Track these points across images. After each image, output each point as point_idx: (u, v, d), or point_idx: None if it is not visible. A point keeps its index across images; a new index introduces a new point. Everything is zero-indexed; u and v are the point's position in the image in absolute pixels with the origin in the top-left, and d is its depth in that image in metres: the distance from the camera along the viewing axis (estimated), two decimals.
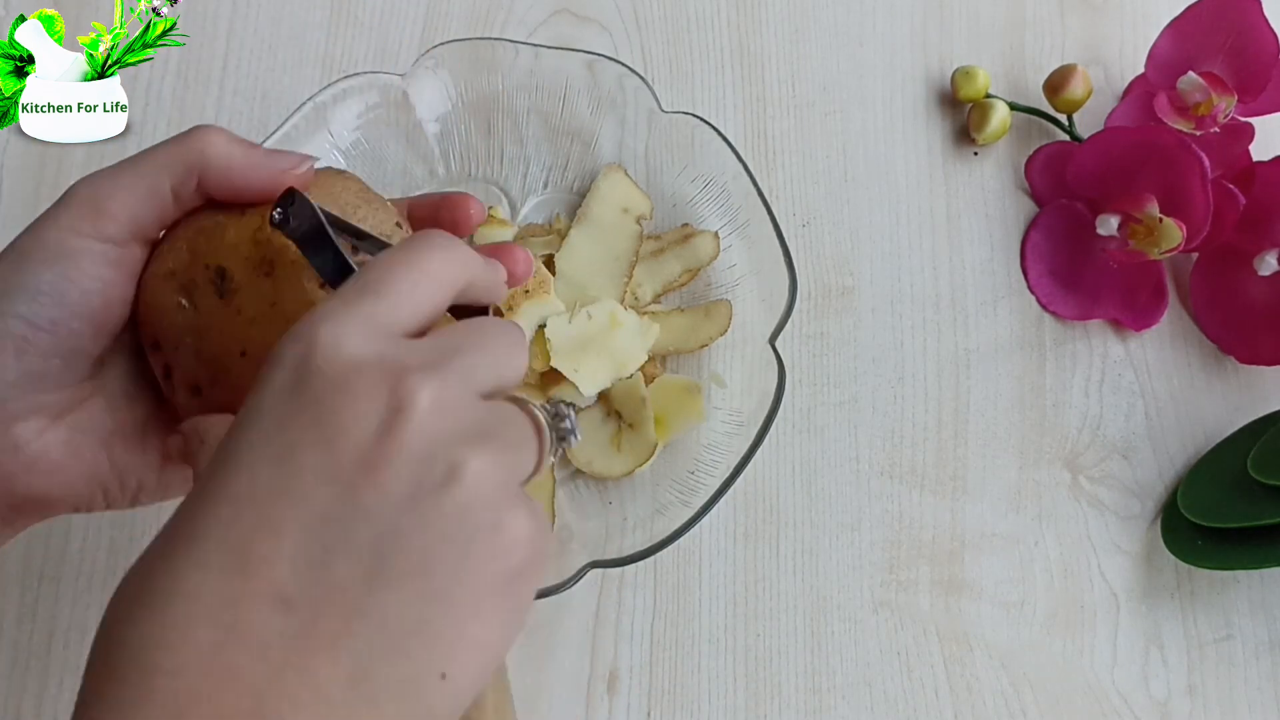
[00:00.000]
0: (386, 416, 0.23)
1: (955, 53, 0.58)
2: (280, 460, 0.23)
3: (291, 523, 0.23)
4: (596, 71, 0.51)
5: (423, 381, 0.24)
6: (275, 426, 0.23)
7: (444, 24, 0.57)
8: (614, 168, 0.52)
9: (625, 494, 0.48)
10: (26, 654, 0.46)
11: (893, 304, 0.54)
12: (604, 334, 0.48)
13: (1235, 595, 0.50)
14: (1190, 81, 0.52)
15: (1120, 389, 0.53)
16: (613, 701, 0.47)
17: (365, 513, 0.23)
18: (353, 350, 0.24)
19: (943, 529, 0.50)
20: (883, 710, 0.47)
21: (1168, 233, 0.50)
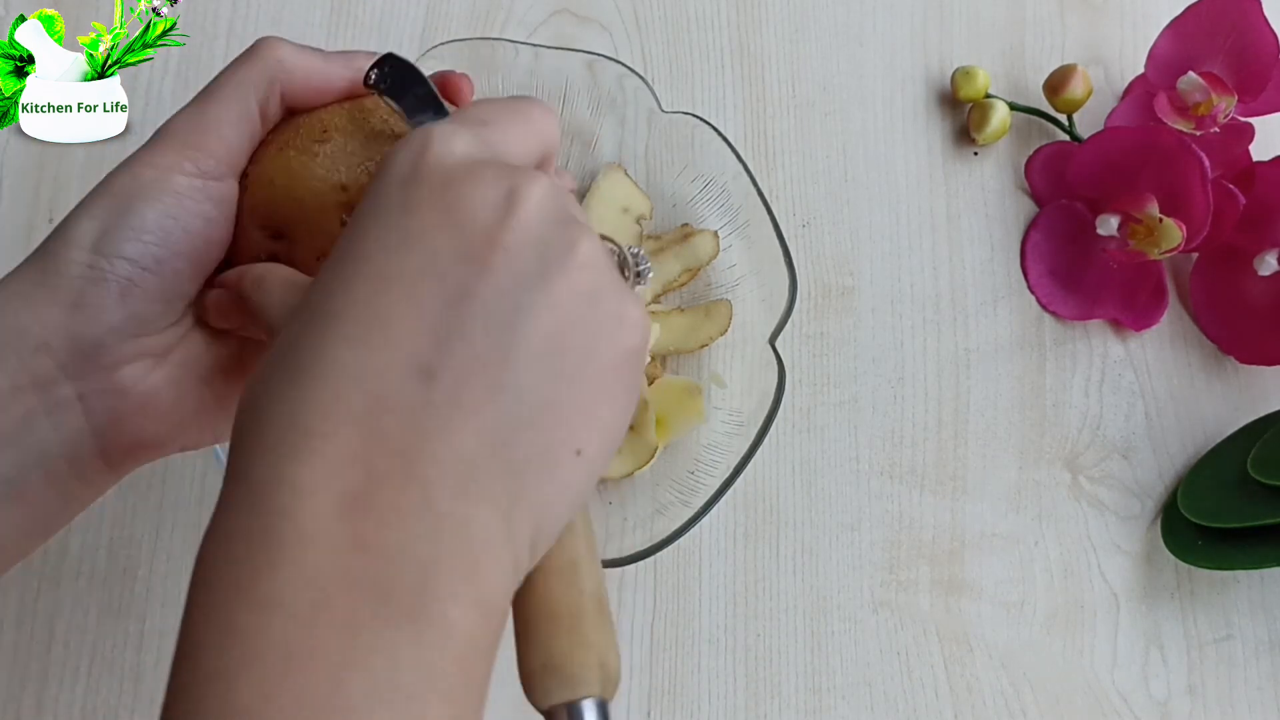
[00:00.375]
0: (506, 201, 0.25)
1: (955, 53, 0.58)
2: (412, 242, 0.24)
3: (430, 298, 0.24)
4: (596, 71, 0.51)
5: (535, 177, 0.25)
6: (401, 212, 0.25)
7: (444, 24, 0.57)
8: (614, 167, 0.52)
9: (625, 494, 0.48)
10: (26, 654, 0.46)
11: (893, 304, 0.54)
12: None
13: (1235, 595, 0.50)
14: (1190, 81, 0.52)
15: (1120, 389, 0.53)
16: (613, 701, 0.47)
17: (500, 290, 0.24)
18: (466, 149, 0.25)
19: (943, 529, 0.50)
20: (883, 710, 0.47)
21: (1168, 233, 0.50)
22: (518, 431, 0.24)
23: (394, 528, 0.22)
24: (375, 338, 0.23)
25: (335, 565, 0.21)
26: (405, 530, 0.22)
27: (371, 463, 0.22)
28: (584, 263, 0.25)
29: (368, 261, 0.24)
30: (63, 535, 0.47)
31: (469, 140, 0.26)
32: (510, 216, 0.24)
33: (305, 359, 0.23)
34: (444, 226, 0.24)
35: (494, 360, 0.24)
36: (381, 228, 0.25)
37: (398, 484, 0.22)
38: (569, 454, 0.25)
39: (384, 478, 0.22)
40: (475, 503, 0.23)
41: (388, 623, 0.21)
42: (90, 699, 0.45)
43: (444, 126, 0.26)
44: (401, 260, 0.24)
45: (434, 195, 0.25)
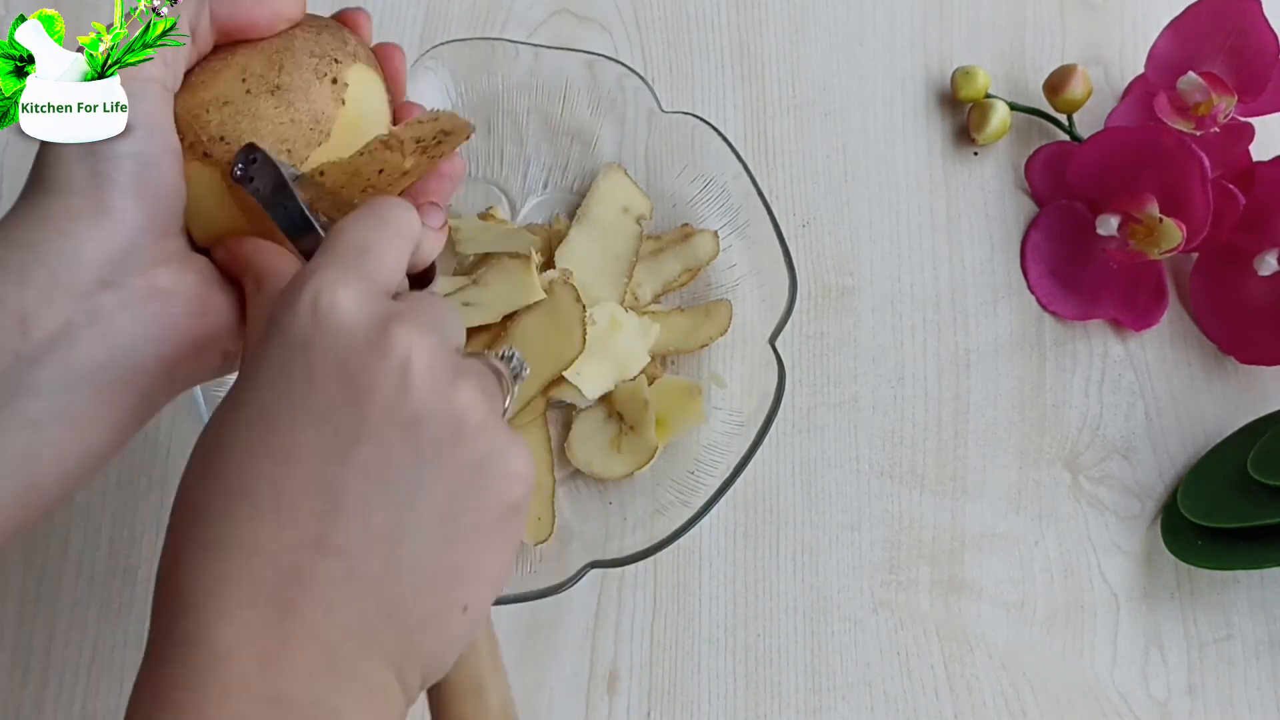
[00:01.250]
0: (400, 374, 0.26)
1: (955, 53, 0.58)
2: (317, 420, 0.26)
3: (333, 478, 0.25)
4: (596, 71, 0.51)
5: (419, 338, 0.27)
6: (305, 385, 0.26)
7: (444, 24, 0.57)
8: (614, 167, 0.52)
9: (625, 494, 0.48)
10: (26, 654, 0.46)
11: (893, 304, 0.54)
12: (605, 337, 0.48)
13: (1235, 595, 0.50)
14: (1190, 81, 0.52)
15: (1120, 389, 0.53)
16: (613, 701, 0.47)
17: (397, 467, 0.26)
18: (354, 312, 0.27)
19: (943, 529, 0.50)
20: (883, 710, 0.47)
21: (1168, 233, 0.50)
22: (409, 598, 0.26)
23: (304, 681, 0.25)
24: (284, 517, 0.25)
25: (255, 715, 0.24)
26: (314, 683, 0.25)
27: (283, 627, 0.25)
28: (471, 426, 0.27)
29: (273, 433, 0.26)
30: (63, 535, 0.47)
31: (352, 293, 0.27)
32: (404, 390, 0.26)
33: (221, 533, 0.25)
34: (346, 403, 0.26)
35: (390, 535, 0.26)
36: (284, 398, 0.26)
37: (306, 644, 0.25)
38: (456, 611, 0.27)
39: (293, 640, 0.25)
40: (373, 660, 0.26)
41: None
42: (90, 699, 0.45)
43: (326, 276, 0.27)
44: (304, 436, 0.26)
45: (333, 368, 0.26)
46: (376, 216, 0.30)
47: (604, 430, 0.49)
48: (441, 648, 0.27)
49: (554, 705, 0.46)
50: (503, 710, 0.30)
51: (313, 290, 0.27)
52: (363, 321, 0.27)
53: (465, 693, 0.29)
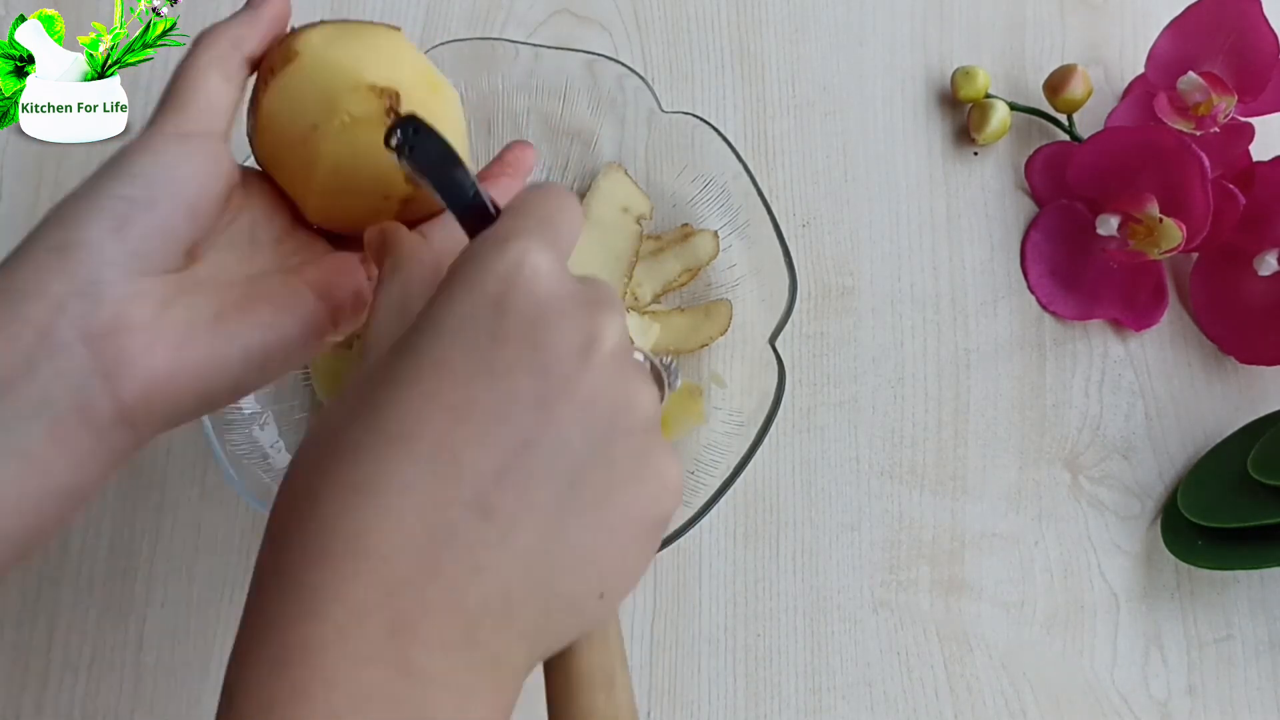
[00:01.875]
0: (585, 349, 0.26)
1: (955, 53, 0.58)
2: (496, 378, 0.25)
3: (503, 439, 0.24)
4: (596, 71, 0.51)
5: (610, 319, 0.26)
6: (490, 341, 0.25)
7: (444, 24, 0.57)
8: (614, 167, 0.52)
9: None
10: (26, 654, 0.46)
11: (893, 304, 0.54)
12: None
13: (1235, 595, 0.50)
14: (1190, 81, 0.52)
15: (1120, 389, 0.53)
16: None
17: (566, 444, 0.25)
18: (553, 282, 0.26)
19: (943, 529, 0.50)
20: (883, 710, 0.47)
21: (1168, 233, 0.50)
22: (557, 576, 0.25)
23: (438, 656, 0.23)
24: (444, 470, 0.24)
25: (385, 686, 0.23)
26: (448, 658, 0.23)
27: (423, 590, 0.23)
28: (643, 424, 0.27)
29: (450, 387, 0.25)
30: (63, 535, 0.47)
31: (549, 260, 0.26)
32: (587, 368, 0.25)
33: (372, 475, 0.24)
34: (528, 367, 0.25)
35: (548, 509, 0.25)
36: (467, 351, 0.25)
37: (447, 615, 0.23)
38: (594, 597, 0.26)
39: (434, 607, 0.23)
40: (510, 636, 0.25)
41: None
42: (90, 699, 0.45)
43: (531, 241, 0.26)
44: (482, 395, 0.25)
45: (524, 330, 0.25)
46: (555, 192, 0.29)
47: None
48: (572, 631, 0.27)
49: None
50: (630, 704, 0.29)
51: (517, 251, 0.26)
52: (557, 293, 0.26)
53: (598, 684, 0.28)
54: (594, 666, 0.28)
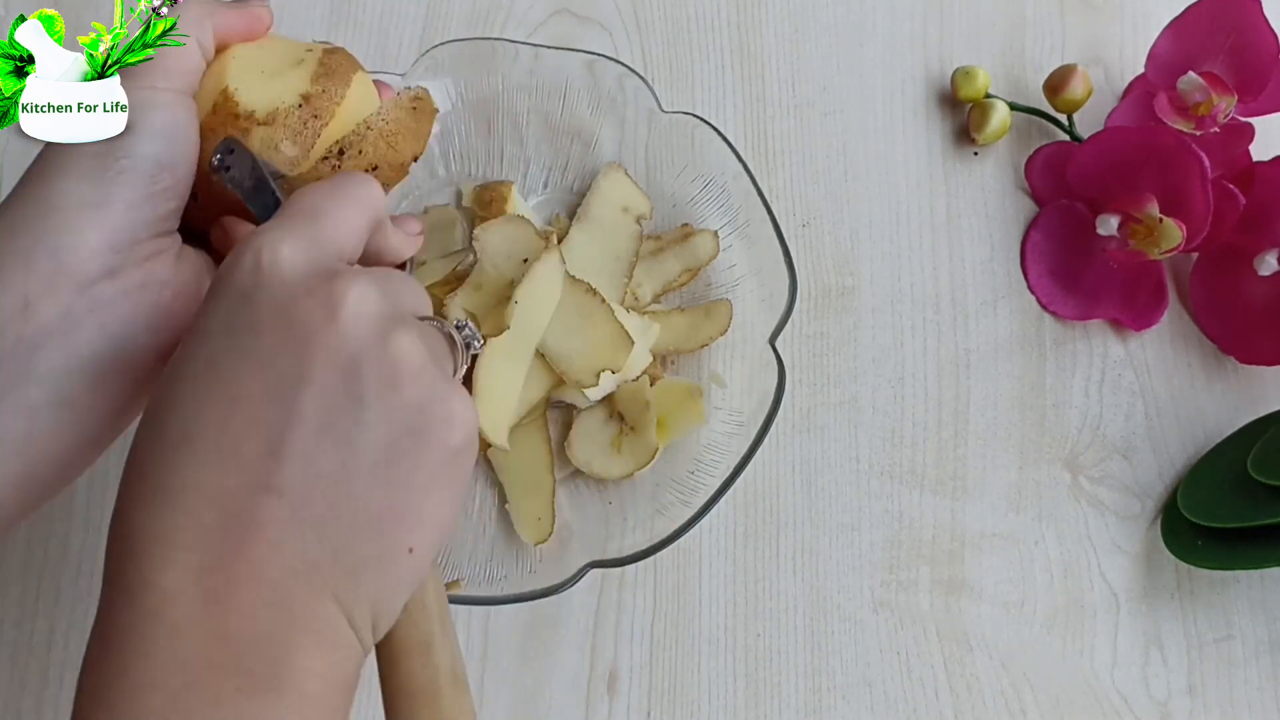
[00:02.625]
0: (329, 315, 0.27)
1: (955, 53, 0.58)
2: (259, 365, 0.26)
3: (275, 420, 0.26)
4: (596, 71, 0.51)
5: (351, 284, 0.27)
6: (249, 333, 0.27)
7: (444, 24, 0.57)
8: (614, 167, 0.52)
9: (625, 494, 0.48)
10: (26, 654, 0.46)
11: (893, 304, 0.54)
12: None
13: (1235, 595, 0.50)
14: (1190, 81, 0.52)
15: (1120, 389, 0.53)
16: (613, 701, 0.47)
17: (338, 410, 0.26)
18: (294, 266, 0.28)
19: (943, 529, 0.50)
20: (883, 710, 0.47)
21: (1168, 233, 0.50)
22: (354, 538, 0.27)
23: (251, 619, 0.25)
24: (227, 462, 0.26)
25: (202, 652, 0.24)
26: (261, 621, 0.25)
27: (227, 568, 0.25)
28: (409, 372, 0.28)
29: (218, 381, 0.27)
30: (63, 535, 0.47)
31: (297, 247, 0.28)
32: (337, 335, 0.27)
33: (164, 479, 0.26)
34: (284, 347, 0.27)
35: (333, 477, 0.26)
36: (229, 345, 0.27)
37: (252, 584, 0.25)
38: (402, 553, 0.28)
39: (241, 581, 0.25)
40: (320, 598, 0.26)
41: (250, 695, 0.25)
42: None
43: (272, 234, 0.28)
44: (248, 382, 0.26)
45: (275, 315, 0.27)
46: (332, 185, 0.31)
47: (604, 430, 0.49)
48: (389, 590, 0.28)
49: (554, 705, 0.46)
50: (451, 668, 0.30)
51: (256, 245, 0.28)
52: (303, 273, 0.27)
53: (413, 649, 0.30)
54: (409, 632, 0.30)
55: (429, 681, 0.29)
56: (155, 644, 0.24)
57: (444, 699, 0.29)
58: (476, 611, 0.47)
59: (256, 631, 0.25)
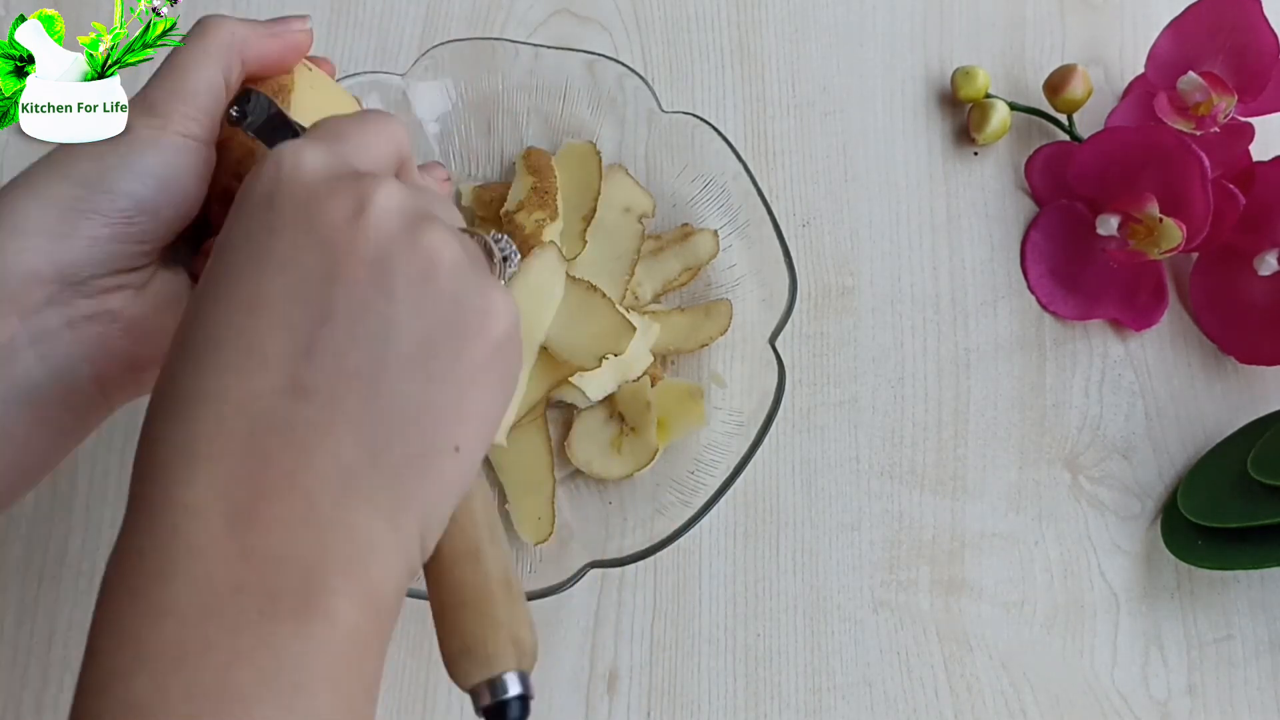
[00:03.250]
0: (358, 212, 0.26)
1: (955, 53, 0.58)
2: (281, 264, 0.25)
3: (301, 319, 0.25)
4: (596, 71, 0.51)
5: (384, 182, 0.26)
6: (267, 234, 0.26)
7: (444, 24, 0.57)
8: (616, 167, 0.52)
9: (625, 494, 0.48)
10: (26, 654, 0.46)
11: (893, 304, 0.54)
12: None
13: (1235, 595, 0.50)
14: (1190, 81, 0.52)
15: (1120, 389, 0.53)
16: (613, 701, 0.47)
17: (365, 304, 0.25)
18: (316, 162, 0.26)
19: (943, 529, 0.50)
20: (883, 710, 0.47)
21: (1168, 233, 0.50)
22: (394, 437, 0.25)
23: (278, 536, 0.23)
24: (251, 364, 0.25)
25: (223, 574, 0.23)
26: (290, 537, 0.23)
27: (255, 480, 0.24)
28: (443, 265, 0.26)
29: (239, 286, 0.25)
30: (63, 535, 0.47)
31: (319, 153, 0.27)
32: (366, 228, 0.26)
33: (188, 388, 0.25)
34: (307, 245, 0.25)
35: (365, 373, 0.25)
36: (249, 251, 0.26)
37: (281, 496, 0.24)
38: (447, 452, 0.26)
39: (268, 492, 0.24)
40: (357, 507, 0.24)
41: (274, 621, 0.23)
42: None
43: (293, 144, 0.27)
44: (270, 283, 0.25)
45: (295, 214, 0.26)
46: (357, 116, 0.30)
47: (605, 431, 0.49)
48: (436, 494, 0.26)
49: (554, 705, 0.46)
50: (503, 576, 0.28)
51: (277, 154, 0.27)
52: (324, 173, 0.26)
53: (460, 557, 0.28)
54: (457, 540, 0.28)
55: (480, 588, 0.28)
56: (173, 565, 0.23)
57: (497, 605, 0.27)
58: None
59: (285, 550, 0.23)
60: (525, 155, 0.51)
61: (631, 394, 0.48)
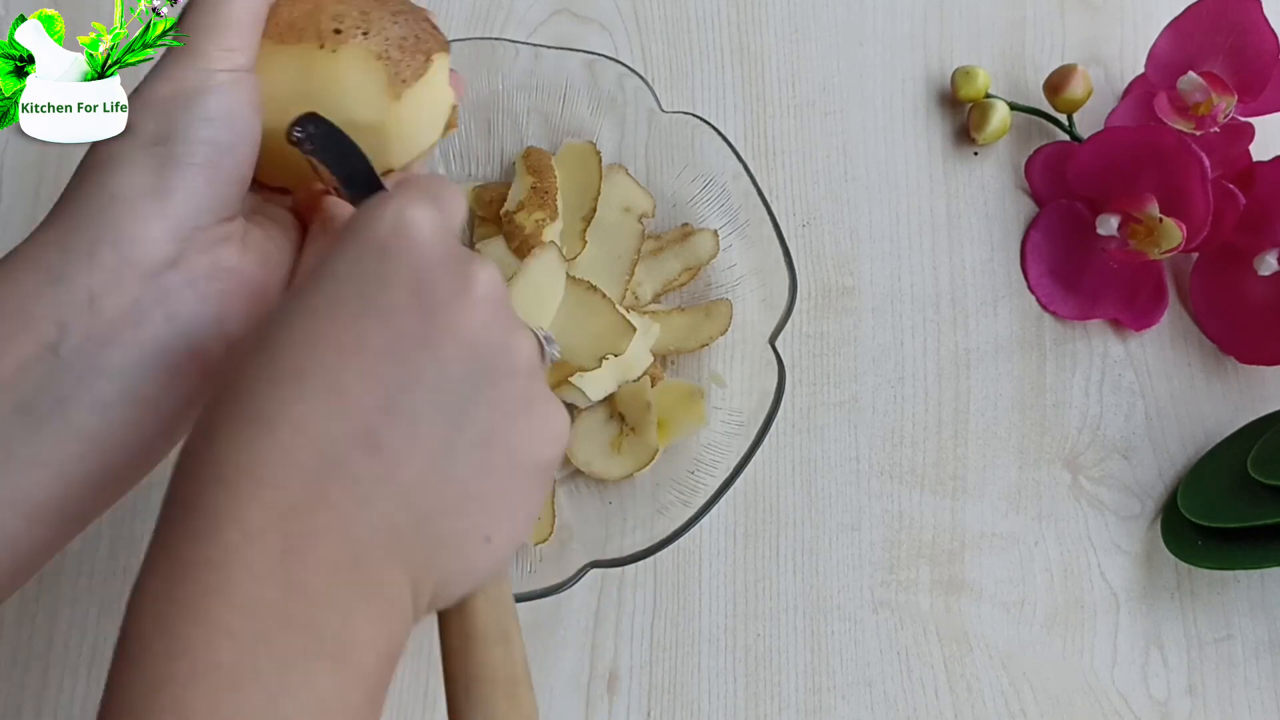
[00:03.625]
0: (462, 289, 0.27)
1: (955, 53, 0.58)
2: (383, 319, 0.26)
3: (389, 376, 0.26)
4: (596, 71, 0.51)
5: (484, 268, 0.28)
6: (377, 285, 0.26)
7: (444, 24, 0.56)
8: (616, 167, 0.52)
9: (625, 494, 0.48)
10: (26, 654, 0.46)
11: (893, 304, 0.54)
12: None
13: (1235, 595, 0.50)
14: (1190, 81, 0.52)
15: (1120, 389, 0.53)
16: (613, 701, 0.47)
17: (451, 381, 0.26)
18: (432, 232, 0.27)
19: (943, 529, 0.50)
20: (883, 710, 0.47)
21: (1168, 233, 0.50)
22: (441, 512, 0.26)
23: (323, 578, 0.24)
24: (333, 404, 0.25)
25: (276, 603, 0.23)
26: (334, 580, 0.24)
27: (313, 516, 0.24)
28: (521, 365, 0.28)
29: (337, 325, 0.26)
30: None
31: (433, 217, 0.27)
32: (468, 309, 0.27)
33: (266, 409, 0.25)
34: (413, 309, 0.26)
35: (434, 445, 0.26)
36: (356, 293, 0.26)
37: (332, 540, 0.24)
38: (480, 539, 0.27)
39: (320, 532, 0.24)
40: (394, 567, 0.25)
41: (316, 659, 0.24)
42: (90, 699, 0.45)
43: (411, 198, 0.28)
44: (369, 333, 0.26)
45: (410, 274, 0.26)
46: (440, 180, 0.31)
47: (605, 431, 0.49)
48: (459, 572, 0.27)
49: (554, 705, 0.46)
50: (524, 663, 0.30)
51: (399, 205, 0.27)
52: (440, 243, 0.27)
53: (494, 639, 0.29)
54: (490, 621, 0.29)
55: (511, 672, 0.29)
56: (231, 585, 0.23)
57: (522, 692, 0.29)
58: None
59: (328, 593, 0.24)
60: (525, 155, 0.51)
61: (631, 394, 0.48)
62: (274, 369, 0.25)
